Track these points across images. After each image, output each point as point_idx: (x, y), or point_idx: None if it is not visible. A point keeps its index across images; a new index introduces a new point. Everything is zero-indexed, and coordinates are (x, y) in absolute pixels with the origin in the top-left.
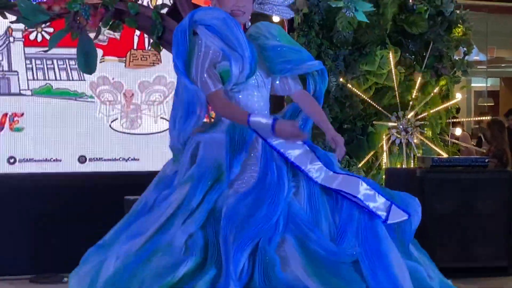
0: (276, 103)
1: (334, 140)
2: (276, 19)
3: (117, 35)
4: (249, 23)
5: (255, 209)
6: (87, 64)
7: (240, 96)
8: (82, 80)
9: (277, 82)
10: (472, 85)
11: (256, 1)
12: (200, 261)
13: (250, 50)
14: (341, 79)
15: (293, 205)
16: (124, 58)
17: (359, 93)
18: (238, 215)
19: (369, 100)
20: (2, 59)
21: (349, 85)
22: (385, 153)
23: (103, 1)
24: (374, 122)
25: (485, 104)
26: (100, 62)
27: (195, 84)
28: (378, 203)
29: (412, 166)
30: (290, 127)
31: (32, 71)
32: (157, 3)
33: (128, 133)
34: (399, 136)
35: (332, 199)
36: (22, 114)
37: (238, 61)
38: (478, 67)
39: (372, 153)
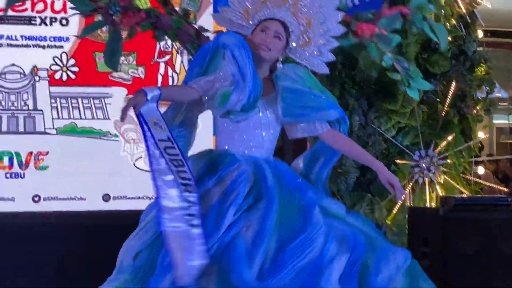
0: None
1: (390, 183)
2: None
3: (141, 74)
4: (280, 65)
5: None
6: (111, 61)
7: (241, 128)
8: (106, 119)
9: (302, 124)
10: (494, 121)
11: (290, 45)
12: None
13: (254, 84)
14: (364, 118)
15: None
16: None
17: (382, 131)
18: None
19: (392, 139)
20: (28, 98)
21: (372, 124)
22: (408, 192)
23: (144, 9)
24: (397, 161)
25: (508, 141)
26: (125, 101)
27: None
28: None
29: (435, 205)
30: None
31: (57, 110)
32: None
33: None
34: (422, 175)
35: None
36: (47, 153)
37: (241, 89)
38: (500, 104)
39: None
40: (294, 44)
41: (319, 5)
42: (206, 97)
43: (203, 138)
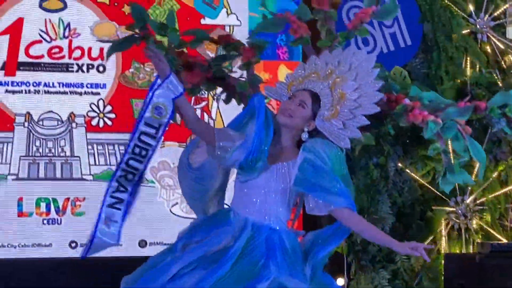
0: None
1: (413, 250)
2: None
3: (178, 120)
4: (306, 135)
5: None
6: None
7: (245, 190)
8: None
9: (316, 199)
10: None
11: (319, 117)
12: None
13: (255, 147)
14: (399, 164)
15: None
16: (185, 144)
17: (417, 178)
18: None
19: (428, 185)
20: (65, 145)
21: (408, 170)
22: (444, 238)
23: (213, 69)
24: (433, 207)
25: None
26: (161, 147)
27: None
28: None
29: (471, 251)
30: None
31: (94, 156)
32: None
33: (188, 218)
34: (458, 221)
35: None
36: (84, 199)
37: (243, 149)
38: None
39: (431, 238)
40: (323, 116)
41: (359, 83)
42: (219, 144)
43: None
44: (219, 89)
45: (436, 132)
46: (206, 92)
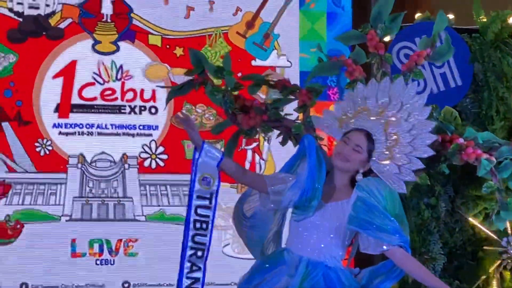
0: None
1: None
2: None
3: None
4: (360, 177)
5: None
6: (229, 152)
7: (300, 229)
8: None
9: (370, 237)
10: None
11: (373, 159)
12: None
13: (309, 187)
14: (450, 204)
15: None
16: (236, 184)
17: (469, 218)
18: None
19: (479, 225)
20: (118, 186)
21: (459, 210)
22: (495, 279)
23: (269, 111)
24: (484, 247)
25: None
26: None
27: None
28: None
29: None
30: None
31: (146, 197)
32: None
33: (240, 258)
34: (510, 261)
35: None
36: (136, 240)
37: (296, 189)
38: None
39: (482, 278)
40: (377, 159)
41: (413, 124)
42: (272, 189)
43: None
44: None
45: (489, 170)
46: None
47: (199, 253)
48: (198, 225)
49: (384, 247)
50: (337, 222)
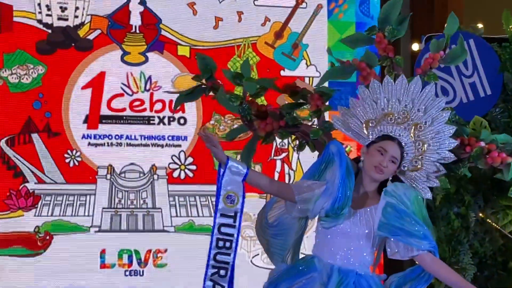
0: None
1: None
2: None
3: (257, 170)
4: (389, 183)
5: None
6: (247, 158)
7: (329, 236)
8: None
9: (400, 243)
10: None
11: (403, 168)
12: None
13: (341, 194)
14: (480, 214)
15: None
16: (265, 195)
17: (499, 227)
18: None
19: (510, 235)
20: (147, 197)
21: (489, 220)
22: None
23: (286, 117)
24: None
25: None
26: None
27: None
28: None
29: None
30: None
31: (175, 207)
32: None
33: (269, 268)
34: None
35: None
36: (166, 251)
37: (328, 197)
38: None
39: None
40: (407, 168)
41: (437, 130)
42: (299, 198)
43: None
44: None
45: None
46: (281, 140)
47: (222, 272)
48: (221, 243)
49: (414, 252)
50: (367, 229)
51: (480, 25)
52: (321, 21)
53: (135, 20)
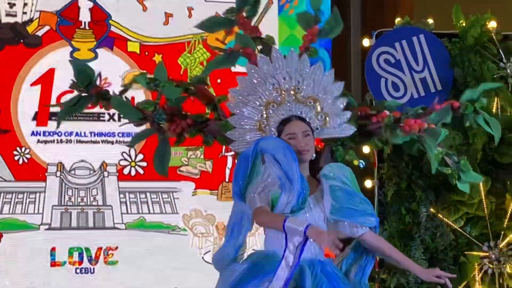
0: None
1: (435, 276)
2: (366, 149)
3: (209, 168)
4: (313, 155)
5: None
6: (161, 166)
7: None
8: (175, 213)
9: (345, 222)
10: None
11: (316, 131)
12: None
13: (302, 186)
14: (431, 209)
15: None
16: (216, 191)
17: (450, 223)
18: None
19: (461, 230)
20: (97, 194)
21: (440, 215)
22: (477, 284)
23: (192, 115)
24: (465, 252)
25: None
26: (193, 195)
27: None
28: None
29: None
30: (321, 232)
31: (126, 204)
32: None
33: None
34: (491, 266)
35: None
36: (116, 248)
37: (289, 191)
38: None
39: (464, 283)
40: (317, 128)
41: (312, 79)
42: (267, 206)
43: None
44: None
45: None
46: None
47: None
48: None
49: (359, 232)
50: (322, 214)
51: (430, 21)
52: (271, 17)
53: (85, 16)
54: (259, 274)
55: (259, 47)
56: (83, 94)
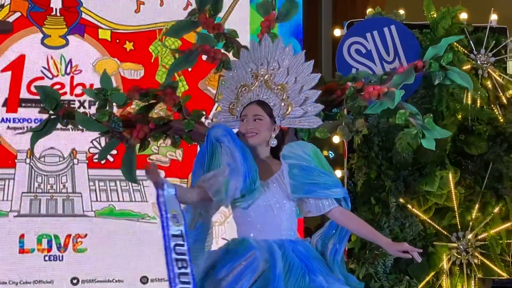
0: None
1: (401, 251)
2: (336, 139)
3: (179, 156)
4: (274, 142)
5: None
6: (130, 175)
7: (252, 214)
8: (144, 201)
9: (310, 200)
10: None
11: (278, 118)
12: None
13: (247, 167)
14: (401, 200)
15: None
16: (186, 180)
17: (419, 213)
18: None
19: (429, 221)
20: (66, 181)
21: (409, 206)
22: (445, 274)
23: (153, 118)
24: (434, 243)
25: None
26: None
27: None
28: None
29: (473, 287)
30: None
31: (96, 192)
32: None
33: None
34: (459, 256)
35: None
36: (86, 235)
37: (236, 175)
38: None
39: (432, 273)
40: (281, 116)
41: (287, 67)
42: (213, 192)
43: None
44: None
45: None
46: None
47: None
48: (180, 264)
49: (326, 208)
50: (284, 194)
51: (401, 11)
52: (243, 6)
53: (56, 2)
54: (232, 258)
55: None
56: (52, 117)
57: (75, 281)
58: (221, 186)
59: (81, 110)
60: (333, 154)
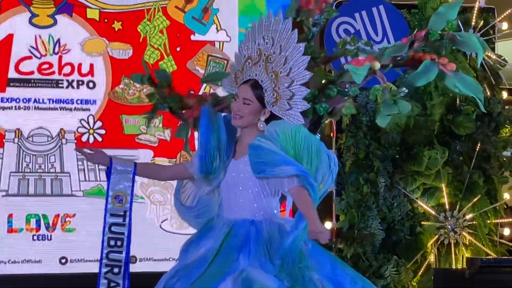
0: None
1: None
2: None
3: (167, 136)
4: (262, 125)
5: None
6: (185, 146)
7: (221, 192)
8: None
9: (271, 179)
10: None
11: (268, 103)
12: None
13: (204, 149)
14: (389, 180)
15: None
16: (175, 159)
17: (407, 193)
18: None
19: (418, 200)
20: (55, 161)
21: (398, 186)
22: (433, 254)
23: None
24: (422, 223)
25: None
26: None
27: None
28: None
29: (460, 266)
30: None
31: (84, 172)
32: None
33: (178, 234)
34: (447, 236)
35: None
36: (74, 215)
37: (197, 156)
38: None
39: (420, 253)
40: (269, 102)
41: (285, 56)
42: (193, 170)
43: None
44: None
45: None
46: None
47: (116, 270)
48: (112, 242)
49: (284, 186)
50: (251, 174)
51: None
52: None
53: None
54: (199, 235)
55: None
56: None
57: (63, 261)
58: (193, 164)
59: (70, 89)
60: (319, 135)
